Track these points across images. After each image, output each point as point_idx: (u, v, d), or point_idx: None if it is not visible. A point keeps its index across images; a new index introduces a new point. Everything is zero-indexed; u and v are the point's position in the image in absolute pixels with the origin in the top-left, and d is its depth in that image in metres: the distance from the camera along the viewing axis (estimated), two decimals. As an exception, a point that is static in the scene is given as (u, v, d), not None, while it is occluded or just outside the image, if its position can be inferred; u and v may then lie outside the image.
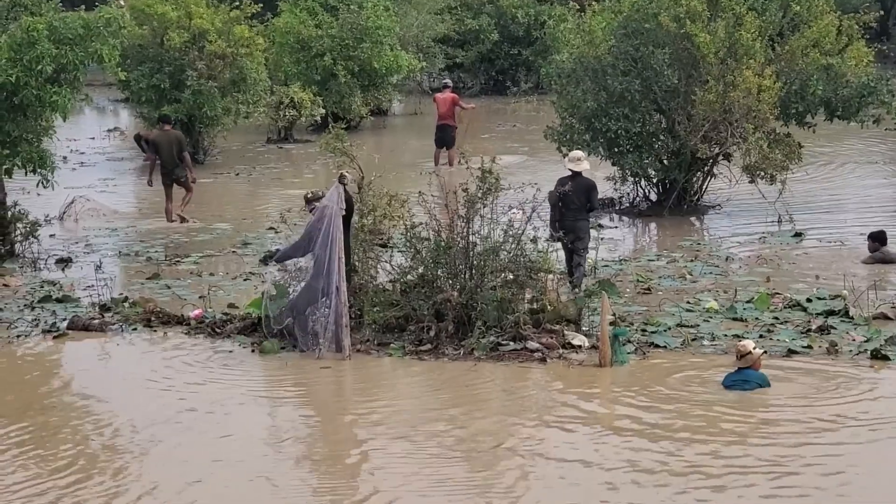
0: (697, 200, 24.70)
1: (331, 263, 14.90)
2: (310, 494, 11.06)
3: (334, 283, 14.92)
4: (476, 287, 15.24)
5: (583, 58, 24.25)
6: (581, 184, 17.96)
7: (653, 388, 13.55)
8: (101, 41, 19.96)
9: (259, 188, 29.75)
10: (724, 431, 12.12)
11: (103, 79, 41.19)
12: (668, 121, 23.82)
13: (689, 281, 18.57)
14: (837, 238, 21.23)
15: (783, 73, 23.76)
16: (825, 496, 10.67)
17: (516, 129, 39.60)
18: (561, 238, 17.45)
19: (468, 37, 49.78)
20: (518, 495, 10.77)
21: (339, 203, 14.96)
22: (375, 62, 38.92)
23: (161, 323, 16.64)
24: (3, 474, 11.50)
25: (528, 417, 12.86)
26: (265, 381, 14.57)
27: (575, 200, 17.83)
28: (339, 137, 17.98)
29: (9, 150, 20.21)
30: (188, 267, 20.38)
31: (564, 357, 14.69)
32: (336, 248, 14.90)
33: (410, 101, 46.49)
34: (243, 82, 32.68)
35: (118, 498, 10.88)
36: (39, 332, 16.48)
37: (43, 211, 22.20)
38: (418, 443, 12.05)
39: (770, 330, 15.59)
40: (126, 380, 14.50)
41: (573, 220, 17.88)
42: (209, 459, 11.79)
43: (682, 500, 10.56)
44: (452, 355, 14.84)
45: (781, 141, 23.62)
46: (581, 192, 17.90)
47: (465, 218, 15.54)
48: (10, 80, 19.49)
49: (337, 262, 14.92)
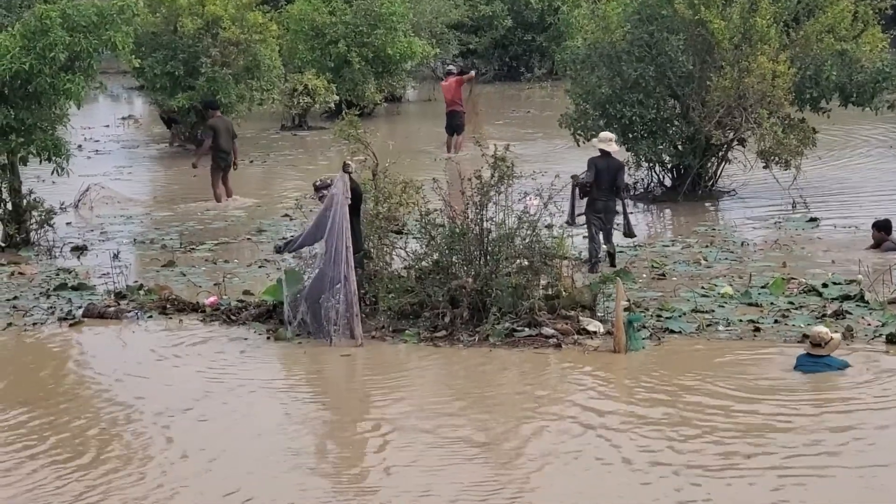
0: (712, 186, 24.67)
1: (338, 253, 14.90)
2: (324, 480, 11.06)
3: (342, 271, 14.92)
4: (491, 273, 15.23)
5: (597, 44, 24.19)
6: (612, 164, 18.57)
7: (668, 373, 13.55)
8: (115, 28, 20.01)
9: (273, 175, 29.78)
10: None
11: (117, 66, 41.10)
12: (683, 107, 23.77)
13: (704, 266, 18.54)
14: (852, 223, 21.17)
15: (798, 58, 23.70)
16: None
17: (530, 115, 39.56)
18: (594, 219, 18.25)
19: (482, 23, 49.76)
20: (533, 483, 10.76)
21: (344, 192, 14.94)
22: (389, 49, 38.93)
23: (176, 310, 16.66)
24: (21, 462, 11.54)
25: (543, 404, 12.85)
26: (281, 369, 14.59)
27: (606, 181, 18.42)
28: (353, 124, 17.97)
29: (23, 138, 20.27)
30: (203, 254, 20.41)
31: (579, 343, 14.69)
32: (343, 236, 14.89)
33: (424, 88, 46.50)
34: (257, 69, 32.67)
35: (136, 487, 10.88)
36: (55, 320, 16.51)
37: (58, 199, 22.21)
38: (432, 430, 12.03)
39: (785, 315, 15.56)
40: (142, 367, 14.50)
41: (605, 199, 18.52)
42: (224, 447, 11.79)
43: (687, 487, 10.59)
44: (467, 342, 14.84)
45: (796, 126, 23.57)
46: (612, 173, 18.51)
47: (479, 204, 15.54)
48: (23, 67, 19.55)
49: (344, 250, 14.91)
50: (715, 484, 10.56)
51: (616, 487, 10.59)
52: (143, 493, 10.72)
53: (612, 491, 10.52)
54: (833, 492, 10.45)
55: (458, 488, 10.62)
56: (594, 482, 10.73)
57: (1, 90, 20.00)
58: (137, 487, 10.86)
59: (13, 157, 20.79)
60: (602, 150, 18.65)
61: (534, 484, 10.75)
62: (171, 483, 10.95)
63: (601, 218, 18.46)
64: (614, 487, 10.59)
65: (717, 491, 10.41)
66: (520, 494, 10.51)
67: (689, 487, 10.50)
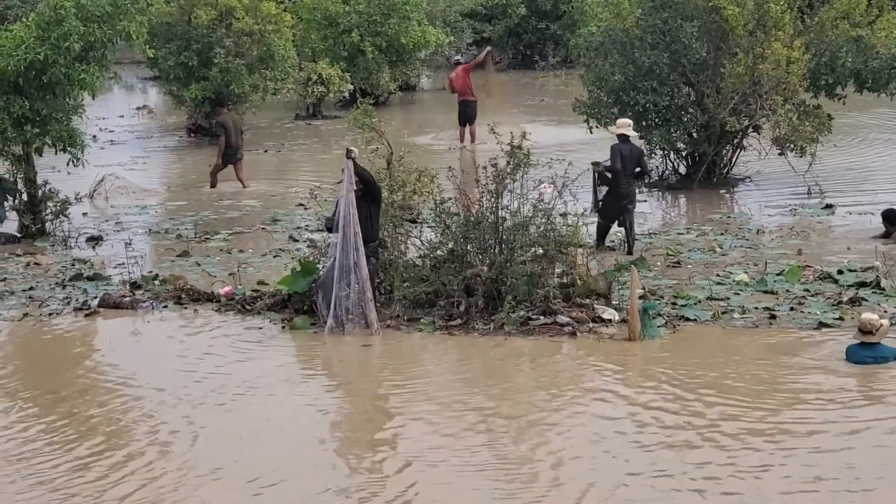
0: (727, 173, 24.62)
1: (346, 240, 14.88)
2: (344, 468, 11.07)
3: (351, 259, 14.90)
4: (506, 262, 15.22)
5: (610, 31, 24.16)
6: (634, 150, 18.99)
7: (683, 361, 13.55)
8: (129, 18, 20.04)
9: (288, 165, 29.79)
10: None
11: (132, 56, 41.27)
12: (697, 94, 23.72)
13: (719, 254, 18.52)
14: (868, 210, 21.10)
15: (812, 44, 23.64)
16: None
17: (544, 103, 39.52)
18: (621, 204, 18.60)
19: (495, 11, 49.70)
20: (548, 471, 10.76)
21: (349, 179, 14.87)
22: (403, 37, 38.87)
23: (191, 300, 16.68)
24: (35, 452, 11.57)
25: (558, 392, 12.85)
26: (297, 358, 14.62)
27: (629, 166, 18.75)
28: (368, 113, 17.97)
29: (39, 128, 20.31)
30: (218, 244, 20.43)
31: (594, 331, 14.68)
32: (351, 223, 14.87)
33: (438, 77, 46.43)
34: (271, 59, 32.66)
35: (154, 482, 10.90)
36: (71, 310, 16.55)
37: (73, 189, 22.23)
38: (448, 417, 12.05)
39: (801, 302, 15.54)
40: (158, 356, 14.54)
41: (628, 185, 18.83)
42: (241, 437, 11.81)
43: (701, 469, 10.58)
44: (482, 330, 14.84)
45: (811, 113, 23.50)
46: (634, 158, 18.90)
47: (494, 193, 15.53)
48: (38, 58, 19.59)
49: (353, 236, 14.88)
50: (734, 474, 10.54)
51: (634, 476, 10.58)
52: (164, 483, 10.75)
53: (631, 482, 10.52)
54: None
55: (480, 477, 10.65)
56: (610, 468, 10.71)
57: (16, 81, 20.04)
58: (157, 477, 10.89)
59: (28, 147, 20.85)
60: (622, 136, 18.85)
61: (548, 468, 10.76)
62: (193, 471, 10.98)
63: (626, 202, 18.65)
64: (632, 478, 10.58)
65: (735, 485, 10.37)
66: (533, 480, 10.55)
67: (705, 478, 10.49)
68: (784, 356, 13.57)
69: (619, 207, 18.64)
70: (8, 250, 20.31)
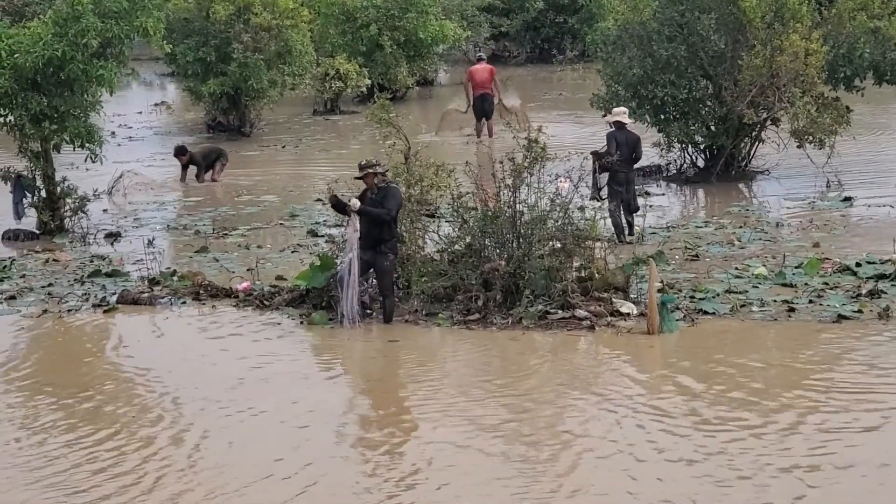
0: (745, 166, 24.55)
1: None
2: (364, 464, 11.08)
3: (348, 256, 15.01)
4: (524, 256, 15.21)
5: (628, 24, 24.11)
6: (629, 137, 19.29)
7: (702, 354, 13.52)
8: (146, 14, 20.06)
9: (306, 160, 29.81)
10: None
11: (149, 53, 41.27)
12: (715, 87, 23.67)
13: (738, 247, 18.48)
14: (887, 202, 21.04)
15: (830, 36, 23.58)
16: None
17: (562, 97, 39.48)
18: (619, 192, 18.91)
19: (513, 5, 49.69)
20: (568, 467, 10.75)
21: (354, 228, 15.04)
22: (421, 32, 38.89)
23: (209, 296, 16.71)
24: (55, 447, 11.60)
25: (577, 386, 12.83)
26: (315, 353, 14.64)
27: (626, 153, 19.05)
28: (385, 108, 17.96)
29: (57, 125, 20.34)
30: (236, 240, 20.45)
31: (613, 325, 14.68)
32: (352, 220, 14.98)
33: (456, 71, 46.37)
34: (289, 54, 32.71)
35: (167, 478, 10.92)
36: (90, 307, 16.59)
37: (91, 186, 22.27)
38: (467, 413, 12.04)
39: (820, 295, 15.50)
40: (177, 353, 14.57)
41: (627, 171, 19.23)
42: (260, 432, 11.83)
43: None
44: (500, 324, 14.84)
45: (829, 105, 23.41)
46: (631, 145, 19.23)
47: (511, 187, 15.52)
48: (56, 54, 19.62)
49: (352, 233, 14.99)
50: (762, 468, 10.52)
51: (654, 475, 10.56)
52: (183, 477, 10.77)
53: (652, 479, 10.51)
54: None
55: (502, 471, 10.64)
56: (628, 465, 10.69)
57: (34, 77, 20.06)
58: (177, 472, 10.91)
59: (47, 144, 20.89)
60: (617, 123, 19.25)
61: (567, 465, 10.75)
62: (211, 466, 11.00)
63: (624, 189, 19.07)
64: (652, 476, 10.56)
65: (763, 479, 10.35)
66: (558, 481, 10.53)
67: (726, 471, 10.48)
68: (804, 350, 13.54)
69: (619, 194, 18.99)
70: (27, 247, 20.40)
